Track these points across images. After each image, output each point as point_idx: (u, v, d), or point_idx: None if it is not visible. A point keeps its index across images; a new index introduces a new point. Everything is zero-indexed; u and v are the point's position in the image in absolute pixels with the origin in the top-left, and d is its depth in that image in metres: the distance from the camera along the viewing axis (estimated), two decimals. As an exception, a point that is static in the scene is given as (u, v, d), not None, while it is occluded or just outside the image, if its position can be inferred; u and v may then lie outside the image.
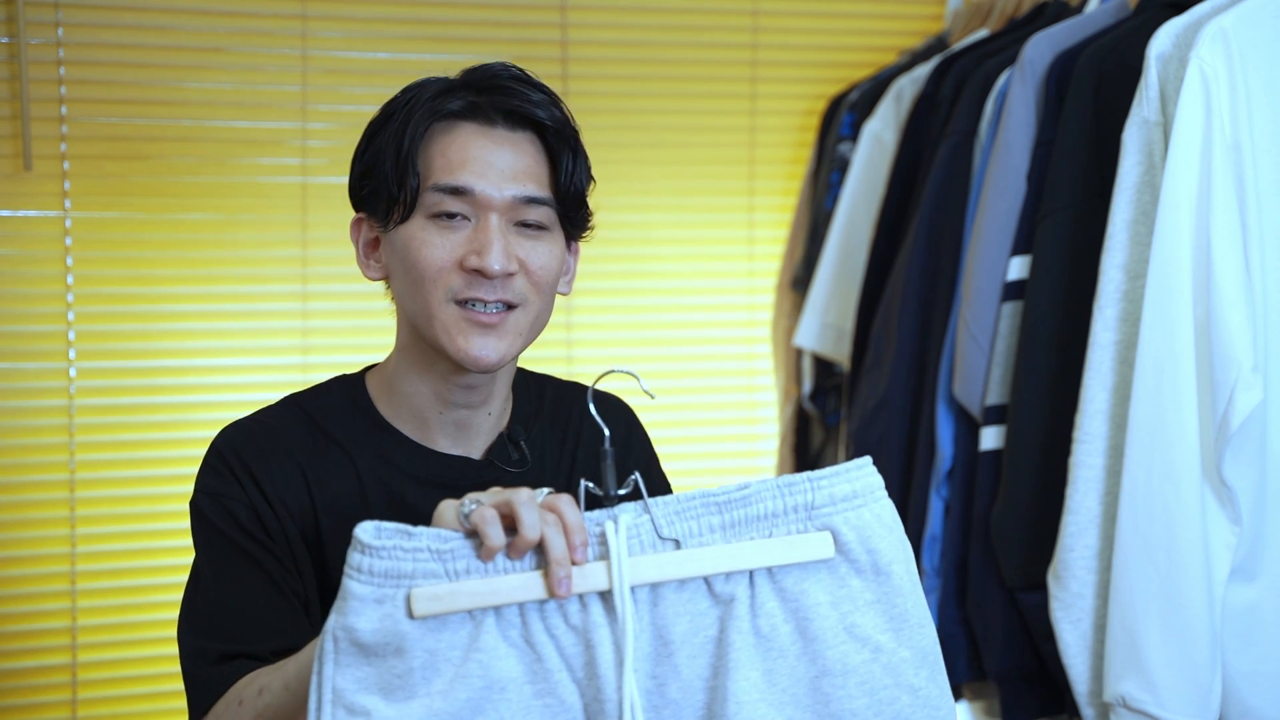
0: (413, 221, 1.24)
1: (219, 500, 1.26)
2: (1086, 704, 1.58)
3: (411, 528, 0.98)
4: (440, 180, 1.23)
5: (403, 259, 1.25)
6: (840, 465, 1.04)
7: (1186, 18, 1.53)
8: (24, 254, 2.36)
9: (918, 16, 2.73)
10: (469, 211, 1.24)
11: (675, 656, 1.00)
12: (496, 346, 1.24)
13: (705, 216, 2.69)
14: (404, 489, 1.30)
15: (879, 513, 1.03)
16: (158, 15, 2.40)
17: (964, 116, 1.96)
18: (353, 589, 0.96)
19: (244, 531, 1.25)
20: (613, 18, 2.63)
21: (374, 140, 1.27)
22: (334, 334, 2.49)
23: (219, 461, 1.28)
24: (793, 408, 2.54)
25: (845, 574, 1.02)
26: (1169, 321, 1.47)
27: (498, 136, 1.26)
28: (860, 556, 1.02)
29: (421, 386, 1.30)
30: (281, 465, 1.27)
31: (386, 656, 0.96)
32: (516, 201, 1.25)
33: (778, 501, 1.01)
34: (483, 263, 1.22)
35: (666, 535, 1.00)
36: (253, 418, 1.33)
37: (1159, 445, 1.47)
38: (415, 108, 1.25)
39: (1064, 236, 1.67)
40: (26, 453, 2.37)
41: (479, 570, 0.98)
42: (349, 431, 1.31)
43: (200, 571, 1.27)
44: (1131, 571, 1.49)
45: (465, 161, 1.24)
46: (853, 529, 1.02)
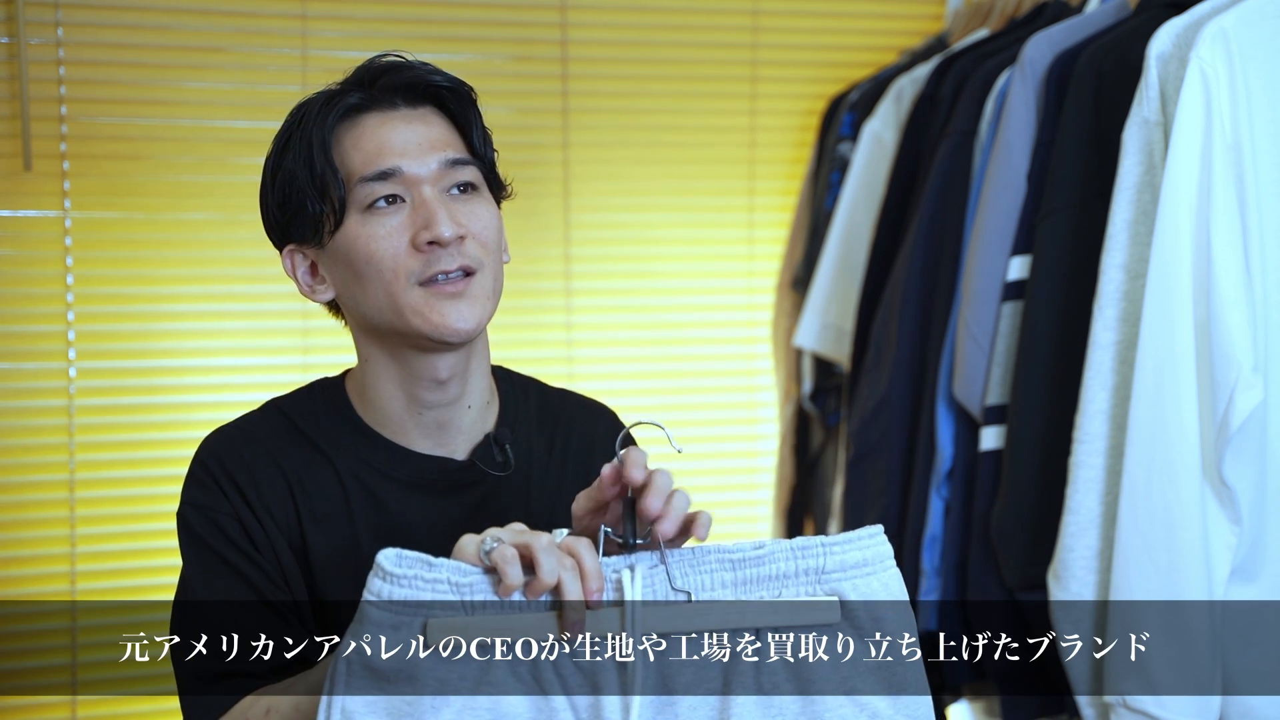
0: (348, 223, 1.23)
1: (206, 513, 1.26)
2: (1086, 704, 1.58)
3: (433, 559, 1.00)
4: (364, 172, 1.23)
5: (350, 262, 1.24)
6: (853, 533, 1.06)
7: (1186, 18, 1.53)
8: (24, 254, 2.36)
9: (918, 16, 2.73)
10: (402, 193, 1.23)
11: (677, 705, 1.02)
12: (470, 313, 1.23)
13: (705, 216, 2.69)
14: (385, 491, 1.29)
15: (886, 581, 1.06)
16: (158, 15, 2.39)
17: (964, 116, 1.96)
18: (370, 614, 0.98)
19: (232, 544, 1.25)
20: (613, 18, 2.63)
21: (279, 169, 1.26)
22: (334, 334, 2.46)
23: (204, 472, 1.28)
24: (793, 408, 2.54)
25: (849, 638, 1.05)
26: (1169, 321, 1.47)
27: (402, 115, 1.26)
28: (865, 623, 1.04)
29: (393, 391, 1.30)
30: (266, 473, 1.27)
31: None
32: (443, 168, 1.24)
33: (790, 564, 1.04)
34: (434, 233, 1.21)
35: (679, 587, 1.03)
36: (235, 424, 1.32)
37: (1159, 445, 1.47)
38: (309, 121, 1.25)
39: (1064, 236, 1.67)
40: (26, 453, 2.37)
41: (495, 606, 1.00)
42: (330, 435, 1.31)
43: (191, 584, 1.26)
44: (1131, 571, 1.49)
45: (381, 147, 1.23)
46: (860, 595, 1.05)
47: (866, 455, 2.05)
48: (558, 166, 2.59)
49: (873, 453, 2.03)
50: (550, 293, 2.60)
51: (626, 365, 2.68)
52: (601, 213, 2.64)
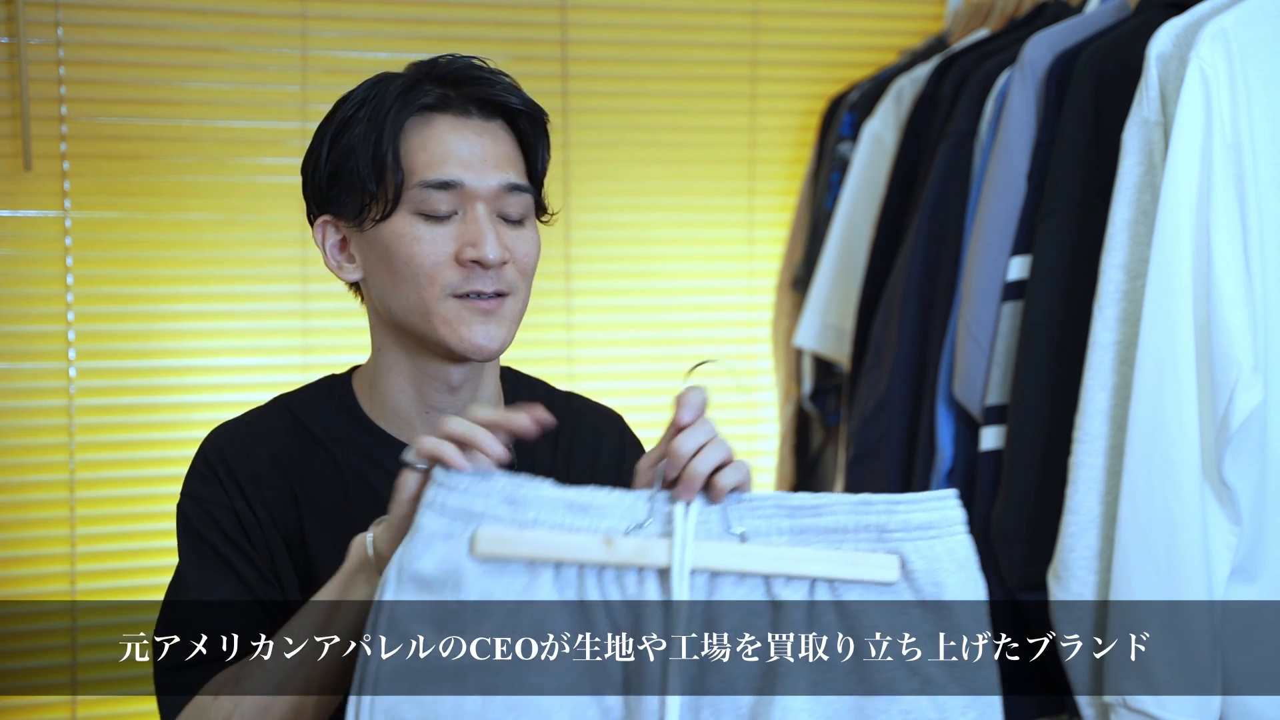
0: (396, 218, 1.23)
1: (203, 505, 1.27)
2: (1086, 704, 1.58)
3: (491, 471, 1.02)
4: (426, 176, 1.23)
5: (387, 257, 1.24)
6: (923, 494, 1.02)
7: (1186, 18, 1.53)
8: (24, 254, 2.36)
9: (918, 16, 2.73)
10: (456, 205, 1.24)
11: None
12: (496, 334, 1.25)
13: (705, 216, 2.69)
14: (387, 487, 1.29)
15: (952, 547, 1.02)
16: (158, 15, 2.39)
17: (964, 116, 1.96)
18: (423, 524, 1.01)
19: (226, 537, 1.26)
20: (613, 18, 2.63)
21: (339, 140, 1.25)
22: (334, 334, 2.48)
23: (205, 465, 1.29)
24: (793, 408, 2.54)
25: (908, 601, 1.01)
26: (1169, 321, 1.47)
27: (475, 126, 1.25)
28: (926, 587, 1.01)
29: (404, 387, 1.30)
30: (266, 469, 1.28)
31: (444, 592, 0.99)
32: (501, 190, 1.25)
33: (851, 518, 1.01)
34: (480, 254, 1.22)
35: (735, 530, 1.01)
36: (241, 419, 1.33)
37: (1159, 445, 1.47)
38: (384, 104, 1.24)
39: (1064, 236, 1.66)
40: (26, 453, 2.37)
41: (547, 525, 1.00)
42: (334, 432, 1.31)
43: (183, 575, 1.27)
44: (1131, 571, 1.49)
45: (448, 155, 1.23)
46: (923, 559, 1.01)
47: (866, 455, 2.05)
48: (558, 166, 2.59)
49: (873, 453, 2.03)
50: (550, 293, 2.60)
51: (626, 365, 2.68)
52: (601, 213, 2.64)
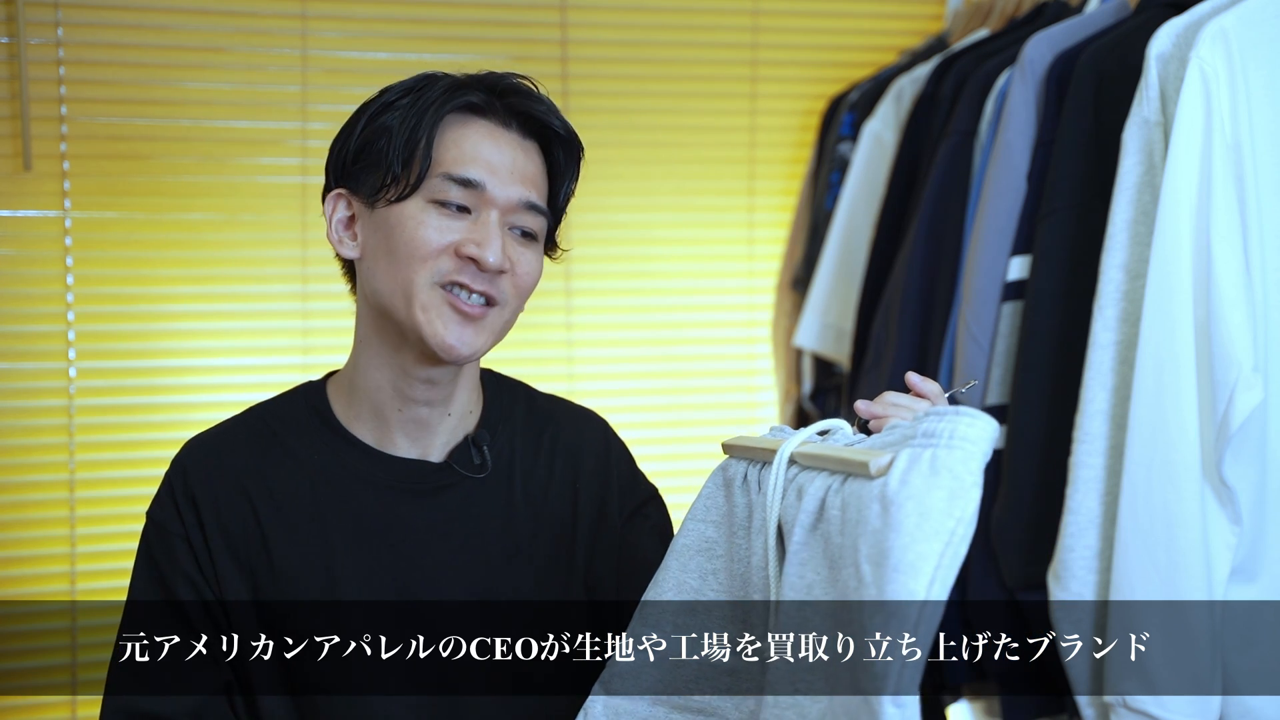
0: (410, 202, 1.25)
1: (163, 531, 1.30)
2: (1086, 704, 1.58)
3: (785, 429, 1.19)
4: (451, 170, 1.24)
5: (389, 237, 1.25)
6: (957, 409, 0.97)
7: (1186, 18, 1.53)
8: (24, 254, 2.36)
9: (918, 16, 2.73)
10: (472, 204, 1.25)
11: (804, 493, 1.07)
12: (473, 340, 1.26)
13: (705, 216, 2.69)
14: (359, 494, 1.30)
15: (935, 455, 0.95)
16: (158, 15, 2.40)
17: (964, 116, 1.96)
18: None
19: (178, 569, 1.28)
20: (613, 18, 2.63)
21: (376, 119, 1.27)
22: (334, 334, 2.48)
23: (167, 488, 1.31)
24: (793, 408, 2.54)
25: (876, 495, 0.96)
26: (1169, 321, 1.47)
27: (511, 139, 1.28)
28: (892, 483, 0.95)
29: (382, 381, 1.30)
30: (227, 489, 1.29)
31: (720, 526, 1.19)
32: (518, 204, 1.27)
33: (909, 429, 1.02)
34: (481, 254, 1.23)
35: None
36: (212, 433, 1.35)
37: (1159, 445, 1.47)
38: (429, 94, 1.26)
39: (1064, 236, 1.66)
40: (26, 453, 2.37)
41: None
42: (306, 440, 1.32)
43: (132, 590, 1.31)
44: (1131, 571, 1.49)
45: (477, 156, 1.25)
46: (905, 459, 0.96)
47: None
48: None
49: (873, 453, 2.03)
50: (550, 293, 2.60)
51: (626, 365, 2.68)
52: (601, 213, 2.64)
